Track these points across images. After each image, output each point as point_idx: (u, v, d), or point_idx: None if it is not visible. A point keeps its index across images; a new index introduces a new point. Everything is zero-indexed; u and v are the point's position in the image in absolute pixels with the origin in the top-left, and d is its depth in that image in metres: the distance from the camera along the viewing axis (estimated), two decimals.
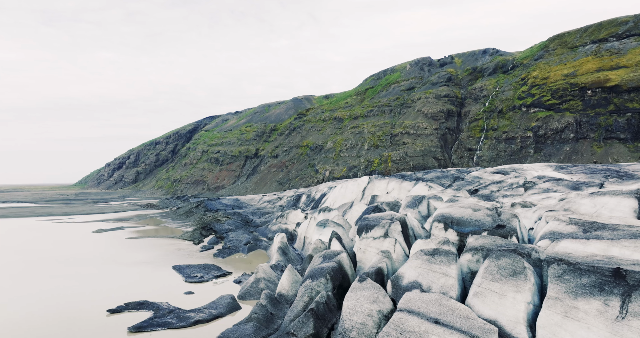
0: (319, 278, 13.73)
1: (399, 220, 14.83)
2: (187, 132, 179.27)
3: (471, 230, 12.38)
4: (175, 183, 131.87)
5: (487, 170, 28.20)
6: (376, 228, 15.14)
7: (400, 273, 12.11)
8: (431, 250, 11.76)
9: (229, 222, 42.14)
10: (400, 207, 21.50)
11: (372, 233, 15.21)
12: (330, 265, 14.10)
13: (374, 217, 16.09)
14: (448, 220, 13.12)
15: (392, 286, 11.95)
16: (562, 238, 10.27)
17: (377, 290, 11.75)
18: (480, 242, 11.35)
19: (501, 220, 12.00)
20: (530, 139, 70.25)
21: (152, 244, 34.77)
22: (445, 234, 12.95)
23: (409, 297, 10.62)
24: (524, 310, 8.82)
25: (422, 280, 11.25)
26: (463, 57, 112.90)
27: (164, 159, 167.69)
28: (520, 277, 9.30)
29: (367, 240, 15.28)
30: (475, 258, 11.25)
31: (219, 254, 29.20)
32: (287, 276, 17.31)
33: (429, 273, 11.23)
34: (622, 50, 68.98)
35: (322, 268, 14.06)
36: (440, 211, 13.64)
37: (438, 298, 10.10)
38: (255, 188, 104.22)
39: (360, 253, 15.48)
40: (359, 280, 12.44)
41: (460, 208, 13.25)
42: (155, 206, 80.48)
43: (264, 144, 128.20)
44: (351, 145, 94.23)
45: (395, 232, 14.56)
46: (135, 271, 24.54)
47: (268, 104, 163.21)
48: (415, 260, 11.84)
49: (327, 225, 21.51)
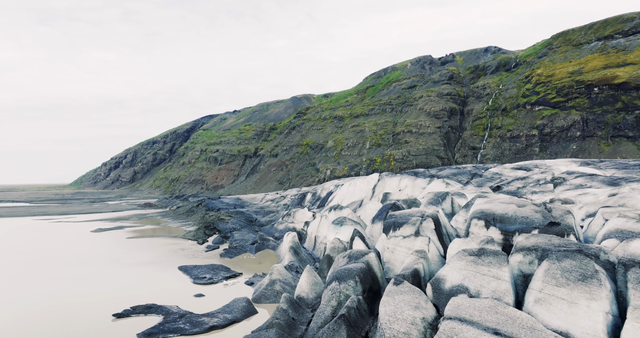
0: (347, 280, 12.57)
1: (431, 217, 13.70)
2: (184, 131, 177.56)
3: (518, 228, 11.26)
4: (173, 183, 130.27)
5: (506, 166, 27.17)
6: (406, 226, 14.01)
7: (440, 275, 10.98)
8: (476, 250, 10.63)
9: (232, 221, 40.92)
10: (421, 204, 20.39)
11: (401, 231, 14.07)
12: (358, 266, 12.94)
13: (402, 214, 14.95)
14: (489, 217, 12.00)
15: (433, 290, 10.81)
16: (634, 238, 9.18)
17: (417, 294, 10.61)
18: (533, 242, 10.23)
19: (553, 217, 10.89)
20: (536, 137, 69.40)
21: (154, 244, 33.49)
22: (487, 233, 11.82)
23: (457, 303, 9.48)
24: (602, 321, 7.71)
25: (469, 284, 10.11)
26: (464, 56, 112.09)
27: (161, 158, 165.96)
28: (593, 282, 8.18)
29: (396, 239, 14.14)
30: (527, 259, 10.13)
31: (226, 254, 27.99)
32: (306, 278, 16.15)
33: (476, 276, 10.10)
34: (628, 47, 68.28)
35: (350, 269, 12.90)
36: (479, 207, 12.53)
37: (493, 305, 8.96)
38: (255, 188, 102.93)
39: (388, 253, 14.34)
40: (395, 282, 11.29)
41: (502, 204, 12.14)
42: (154, 205, 79.04)
43: (263, 143, 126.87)
44: (352, 144, 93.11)
45: (428, 230, 13.43)
46: (140, 272, 23.29)
47: (267, 103, 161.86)
48: (459, 261, 10.71)
49: (345, 224, 20.36)
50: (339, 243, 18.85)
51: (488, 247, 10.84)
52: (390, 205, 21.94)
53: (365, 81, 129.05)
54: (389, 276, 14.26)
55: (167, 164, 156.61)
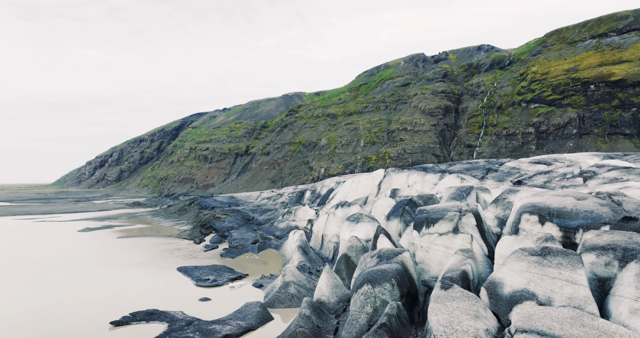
0: (381, 283, 11.12)
1: (472, 212, 12.33)
2: (172, 129, 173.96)
3: (581, 223, 9.97)
4: (161, 182, 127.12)
5: (523, 160, 26.14)
6: (441, 222, 12.62)
7: (496, 278, 9.60)
8: (539, 250, 9.29)
9: (229, 219, 39.15)
10: (442, 199, 19.06)
11: (436, 228, 12.69)
12: (393, 267, 11.50)
13: (434, 209, 13.58)
14: (544, 211, 10.69)
15: (489, 295, 9.43)
16: None
17: (473, 300, 9.22)
18: (608, 239, 8.94)
19: (627, 211, 9.64)
20: (532, 135, 69.13)
21: (147, 244, 31.54)
22: (543, 229, 10.51)
23: (527, 312, 8.12)
24: None
25: (536, 289, 8.75)
26: (457, 54, 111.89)
27: (149, 157, 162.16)
28: None
29: (430, 236, 12.74)
30: (602, 260, 8.84)
31: (227, 254, 26.29)
32: (326, 279, 14.65)
33: (544, 279, 8.75)
34: (623, 45, 68.52)
35: (384, 271, 11.45)
36: (529, 201, 11.22)
37: (576, 315, 7.61)
38: (247, 187, 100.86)
39: (421, 253, 12.95)
40: (443, 286, 9.88)
41: (556, 197, 10.85)
42: (143, 204, 76.44)
43: (254, 141, 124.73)
44: (346, 142, 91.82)
45: (469, 227, 12.06)
46: (136, 274, 21.45)
47: (257, 101, 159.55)
48: (518, 262, 9.35)
49: (361, 221, 18.91)
50: (357, 242, 17.40)
51: (552, 246, 9.51)
52: (406, 201, 20.57)
53: (358, 79, 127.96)
54: (423, 278, 12.86)
55: (155, 162, 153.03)
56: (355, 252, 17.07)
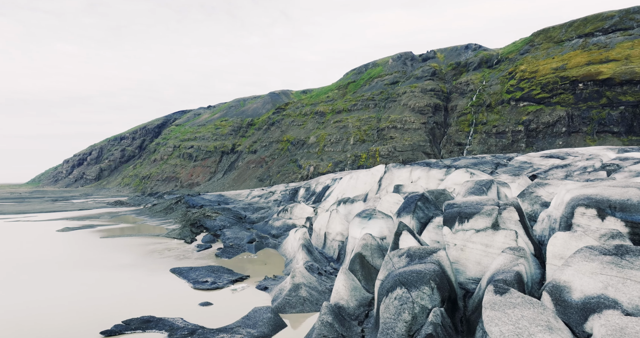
0: (419, 287, 9.78)
1: (513, 205, 11.13)
2: (155, 126, 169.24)
3: None
4: (144, 180, 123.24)
5: (533, 154, 25.40)
6: (477, 217, 11.39)
7: (561, 281, 8.39)
8: (612, 248, 8.14)
9: (220, 218, 37.34)
10: (458, 194, 17.91)
11: (472, 223, 11.44)
12: (430, 267, 10.19)
13: (467, 203, 12.35)
14: (603, 204, 9.57)
15: (554, 302, 8.21)
16: None
17: (540, 308, 7.97)
18: None
19: None
20: (522, 133, 69.38)
21: (134, 243, 29.50)
22: (604, 224, 9.39)
23: (618, 325, 6.93)
24: None
25: (618, 296, 7.55)
26: (445, 52, 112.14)
27: (130, 155, 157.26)
28: None
29: (465, 233, 11.49)
30: None
31: (223, 254, 24.61)
32: (344, 282, 13.26)
33: (626, 284, 7.57)
34: (609, 45, 69.46)
35: (420, 272, 10.13)
36: (581, 192, 10.11)
37: None
38: (234, 185, 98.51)
39: (455, 252, 11.68)
40: (498, 291, 8.59)
41: (614, 189, 9.76)
42: (125, 203, 73.40)
43: (240, 139, 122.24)
44: (336, 140, 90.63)
45: (511, 222, 10.84)
46: (125, 276, 19.60)
47: (243, 98, 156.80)
48: (587, 263, 8.17)
49: (374, 217, 17.58)
50: (372, 240, 16.07)
51: (624, 244, 8.36)
52: (418, 197, 19.35)
53: (346, 77, 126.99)
54: (459, 280, 11.62)
55: (137, 160, 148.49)
56: (371, 251, 15.73)
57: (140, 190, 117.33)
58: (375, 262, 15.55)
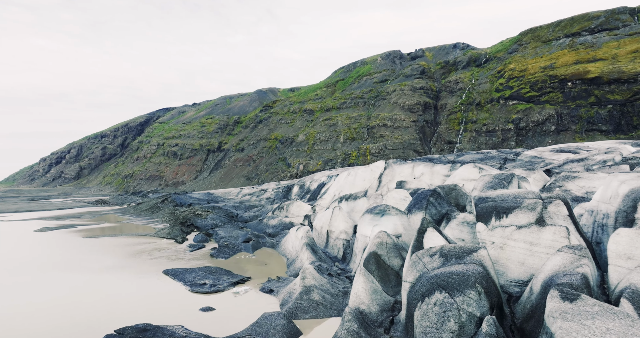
0: (463, 290, 8.66)
1: (560, 198, 10.12)
2: (138, 124, 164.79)
3: None
4: (126, 179, 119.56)
5: (541, 149, 24.79)
6: (518, 212, 10.35)
7: None
8: None
9: (211, 216, 35.71)
10: (475, 190, 16.96)
11: (512, 219, 10.40)
12: (473, 269, 9.08)
13: (504, 196, 11.31)
14: None
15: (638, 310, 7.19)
16: None
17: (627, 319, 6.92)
18: None
19: None
20: (512, 131, 69.65)
21: (121, 244, 27.68)
22: None
23: None
24: None
25: None
26: (434, 51, 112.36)
27: (112, 153, 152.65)
28: None
29: (504, 230, 10.44)
30: None
31: (218, 254, 23.12)
32: (364, 284, 12.08)
33: None
34: (596, 44, 70.36)
35: (462, 273, 9.01)
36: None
37: None
38: (220, 184, 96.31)
39: (493, 251, 10.62)
40: (566, 297, 7.51)
41: None
42: (108, 202, 70.55)
43: (227, 137, 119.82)
44: (325, 138, 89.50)
45: (559, 217, 9.82)
46: (114, 279, 17.97)
47: (229, 96, 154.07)
48: None
49: (387, 213, 16.43)
50: (387, 238, 14.93)
51: None
52: (429, 192, 18.37)
53: (334, 75, 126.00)
54: (499, 282, 10.56)
55: (119, 159, 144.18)
56: (387, 250, 14.60)
57: (122, 189, 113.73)
58: (392, 262, 14.43)
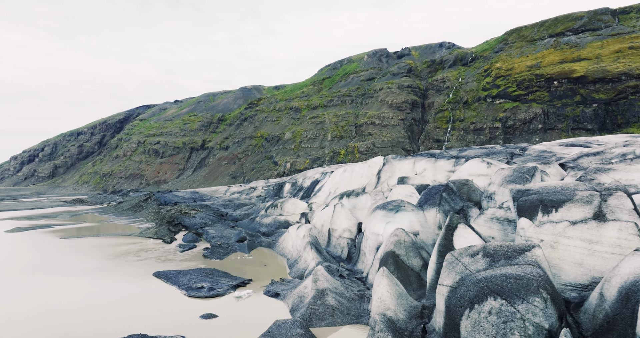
0: (526, 297, 7.51)
1: (620, 189, 9.13)
2: (117, 121, 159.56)
3: None
4: (105, 178, 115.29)
5: (548, 143, 24.25)
6: (570, 206, 9.30)
7: None
8: None
9: (200, 215, 33.95)
10: (493, 184, 16.01)
11: (564, 213, 9.36)
12: (532, 271, 7.93)
13: (549, 188, 10.26)
14: None
15: None
16: None
17: None
18: None
19: None
20: (499, 129, 69.99)
21: (103, 244, 25.71)
22: None
23: None
24: None
25: None
26: (420, 50, 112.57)
27: (89, 151, 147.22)
28: None
29: (555, 226, 9.39)
30: None
31: (212, 255, 21.55)
32: (388, 287, 10.87)
33: None
34: (580, 44, 71.47)
35: (520, 277, 7.86)
36: None
37: None
38: (205, 183, 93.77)
39: (544, 250, 9.56)
40: None
41: None
42: (86, 202, 67.33)
43: (211, 134, 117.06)
44: (312, 136, 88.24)
45: (623, 211, 8.76)
46: (99, 283, 16.23)
47: (213, 93, 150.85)
48: None
49: (402, 209, 15.27)
50: (405, 236, 13.79)
51: None
52: (442, 187, 17.38)
53: (320, 72, 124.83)
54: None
55: (97, 157, 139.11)
56: (405, 249, 13.45)
57: (101, 188, 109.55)
58: (411, 262, 13.29)
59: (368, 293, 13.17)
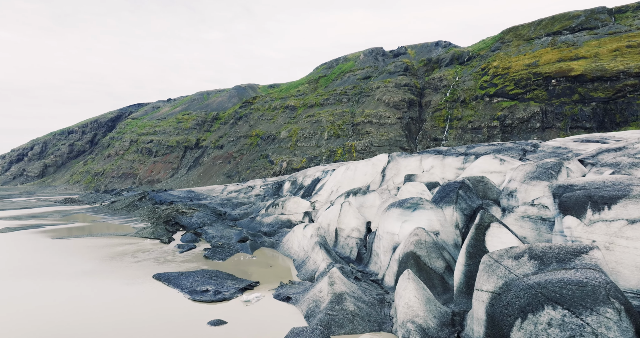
0: (594, 307, 6.65)
1: None
2: (109, 120, 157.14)
3: None
4: (97, 177, 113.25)
5: (564, 140, 23.64)
6: (627, 202, 8.49)
7: None
8: None
9: (198, 214, 32.89)
10: (514, 180, 15.26)
11: (619, 211, 8.56)
12: (597, 277, 7.10)
13: (597, 183, 9.47)
14: None
15: None
16: None
17: None
18: None
19: None
20: (497, 128, 69.70)
21: (98, 245, 24.58)
22: None
23: None
24: None
25: None
26: (416, 49, 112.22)
27: (80, 150, 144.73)
28: None
29: (610, 225, 8.60)
30: None
31: (214, 256, 20.56)
32: (416, 292, 10.04)
33: None
34: (577, 43, 71.45)
35: (584, 283, 7.04)
36: None
37: None
38: (199, 182, 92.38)
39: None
40: None
41: None
42: (77, 201, 65.68)
43: (205, 133, 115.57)
44: (309, 135, 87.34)
45: None
46: (96, 286, 15.19)
47: (207, 92, 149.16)
48: None
49: (420, 207, 14.42)
50: (426, 236, 12.97)
51: None
52: (458, 184, 16.61)
53: (316, 71, 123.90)
54: None
55: (88, 156, 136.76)
56: (427, 250, 12.62)
57: (92, 187, 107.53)
58: (433, 264, 12.46)
59: (388, 298, 12.32)
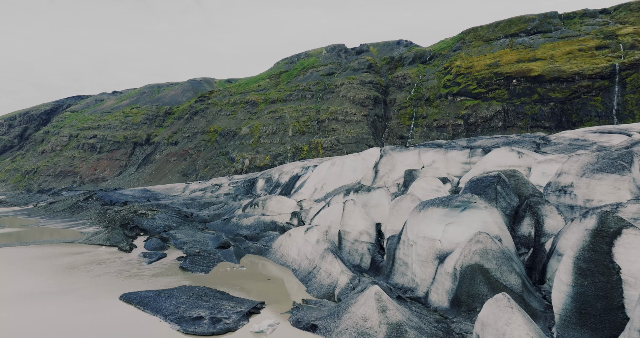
0: None
1: None
2: (42, 113, 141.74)
3: None
4: (28, 176, 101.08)
5: (579, 131, 22.57)
6: None
7: None
8: None
9: (160, 216, 28.53)
10: (568, 173, 13.31)
11: None
12: None
13: None
14: None
15: None
16: None
17: None
18: None
19: None
20: (462, 126, 70.49)
21: (39, 255, 19.77)
22: None
23: None
24: None
25: None
26: (378, 47, 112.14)
27: (7, 146, 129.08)
28: None
29: None
30: None
31: (194, 267, 16.89)
32: (526, 327, 7.50)
33: None
34: (533, 45, 74.28)
35: None
36: None
37: None
38: (151, 181, 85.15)
39: None
40: None
41: None
42: (5, 202, 56.98)
43: (157, 128, 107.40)
44: (272, 131, 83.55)
45: None
46: (41, 315, 11.13)
47: (158, 85, 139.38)
48: None
49: (472, 206, 11.75)
50: (492, 243, 10.54)
51: None
52: (494, 179, 14.57)
53: (277, 66, 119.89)
54: None
55: (17, 152, 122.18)
56: (496, 261, 10.16)
57: (23, 187, 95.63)
58: (507, 280, 10.02)
59: (457, 328, 9.57)
